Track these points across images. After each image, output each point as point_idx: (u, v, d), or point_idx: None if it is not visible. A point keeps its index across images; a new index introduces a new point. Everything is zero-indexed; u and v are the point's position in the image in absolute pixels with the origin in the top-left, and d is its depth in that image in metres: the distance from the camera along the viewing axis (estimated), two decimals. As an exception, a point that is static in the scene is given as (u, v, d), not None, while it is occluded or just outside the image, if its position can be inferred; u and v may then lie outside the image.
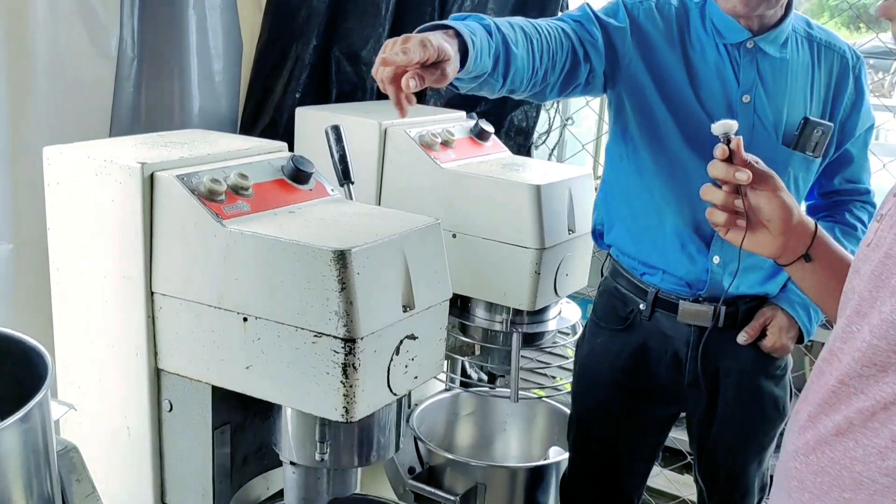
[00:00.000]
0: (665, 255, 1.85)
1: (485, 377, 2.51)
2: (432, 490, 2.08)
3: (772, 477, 1.68)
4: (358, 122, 2.19)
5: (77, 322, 1.70)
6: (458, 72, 1.43)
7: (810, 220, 1.32)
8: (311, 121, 2.30)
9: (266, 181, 1.64)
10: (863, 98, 1.85)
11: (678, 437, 2.60)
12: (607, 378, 1.96)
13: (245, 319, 1.50)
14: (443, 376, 2.34)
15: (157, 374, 1.64)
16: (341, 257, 1.40)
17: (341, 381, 1.43)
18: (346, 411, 1.45)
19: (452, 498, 2.05)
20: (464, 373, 2.62)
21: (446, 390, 2.49)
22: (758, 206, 1.30)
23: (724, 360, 1.87)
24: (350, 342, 1.41)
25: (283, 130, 2.54)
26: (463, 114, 2.45)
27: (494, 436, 2.51)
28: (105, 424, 1.71)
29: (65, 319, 1.72)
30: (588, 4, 1.83)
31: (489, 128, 2.29)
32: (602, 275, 2.03)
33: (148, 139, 1.77)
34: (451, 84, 1.44)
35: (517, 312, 2.12)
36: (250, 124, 2.61)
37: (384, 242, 1.48)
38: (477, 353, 2.25)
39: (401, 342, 1.52)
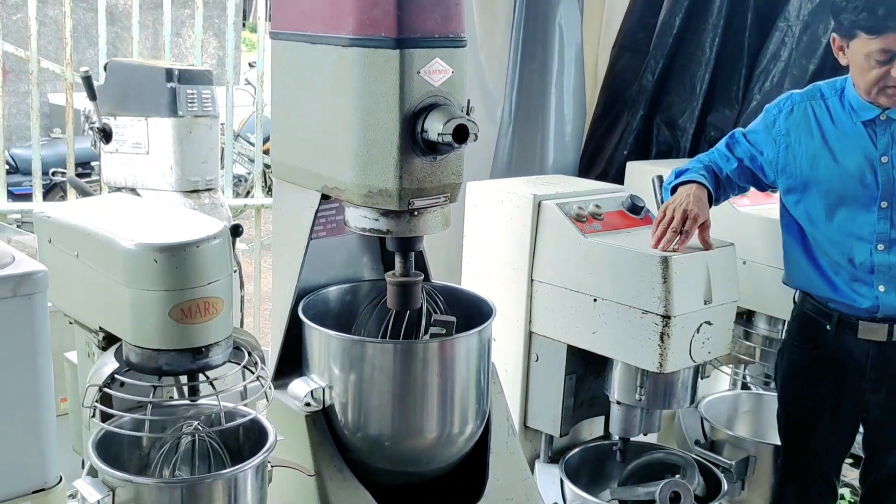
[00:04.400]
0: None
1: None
2: (713, 455, 2.70)
3: None
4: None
5: (478, 298, 2.55)
6: None
7: None
8: (638, 172, 3.04)
9: (612, 211, 2.41)
10: None
11: None
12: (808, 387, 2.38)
13: (595, 300, 2.27)
14: (730, 373, 2.94)
15: (529, 336, 2.45)
16: (665, 261, 2.13)
17: (658, 344, 2.15)
18: (661, 365, 2.16)
19: (729, 462, 2.65)
20: (744, 385, 3.22)
21: (730, 389, 3.10)
22: None
23: None
24: (667, 318, 2.13)
25: (611, 179, 3.31)
26: None
27: (768, 431, 3.07)
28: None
29: (470, 296, 2.58)
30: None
31: None
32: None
33: (529, 181, 2.61)
34: None
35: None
36: (585, 172, 3.40)
37: (694, 255, 2.19)
38: (757, 357, 2.86)
39: (700, 325, 2.21)
